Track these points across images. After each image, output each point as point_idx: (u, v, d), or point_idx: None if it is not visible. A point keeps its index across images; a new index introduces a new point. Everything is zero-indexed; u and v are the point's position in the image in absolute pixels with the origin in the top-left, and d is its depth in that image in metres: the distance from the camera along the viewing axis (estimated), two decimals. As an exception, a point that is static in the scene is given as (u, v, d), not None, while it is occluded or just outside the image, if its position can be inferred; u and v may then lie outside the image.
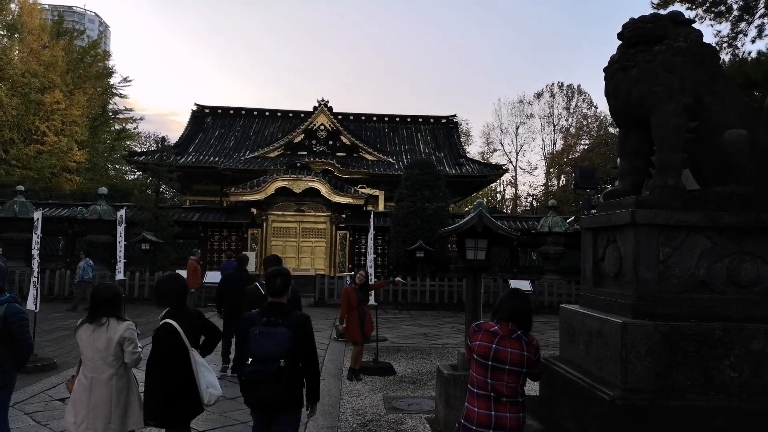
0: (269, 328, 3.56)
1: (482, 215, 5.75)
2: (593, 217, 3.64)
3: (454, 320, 15.94)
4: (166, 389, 3.87)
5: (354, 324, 8.03)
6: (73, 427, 3.94)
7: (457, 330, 13.87)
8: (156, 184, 20.58)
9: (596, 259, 3.61)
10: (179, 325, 4.00)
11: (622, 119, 3.51)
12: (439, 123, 37.34)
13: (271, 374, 3.46)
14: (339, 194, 21.17)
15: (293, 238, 21.68)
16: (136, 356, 4.03)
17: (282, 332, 3.54)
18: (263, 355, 3.48)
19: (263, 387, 3.48)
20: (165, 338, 3.98)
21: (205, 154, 32.24)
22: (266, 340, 3.51)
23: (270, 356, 3.48)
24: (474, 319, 6.15)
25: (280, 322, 3.59)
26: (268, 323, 3.58)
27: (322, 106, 32.96)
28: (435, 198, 19.70)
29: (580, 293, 3.82)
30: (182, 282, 4.41)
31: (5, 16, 35.53)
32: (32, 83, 32.94)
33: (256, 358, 3.49)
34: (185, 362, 3.94)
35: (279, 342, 3.52)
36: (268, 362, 3.47)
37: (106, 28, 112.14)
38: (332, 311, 16.82)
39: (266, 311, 3.72)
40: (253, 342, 3.53)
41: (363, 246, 22.36)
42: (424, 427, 5.91)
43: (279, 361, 3.48)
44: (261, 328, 3.57)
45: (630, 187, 3.40)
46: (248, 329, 3.61)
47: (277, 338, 3.53)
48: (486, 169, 32.95)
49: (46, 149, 33.19)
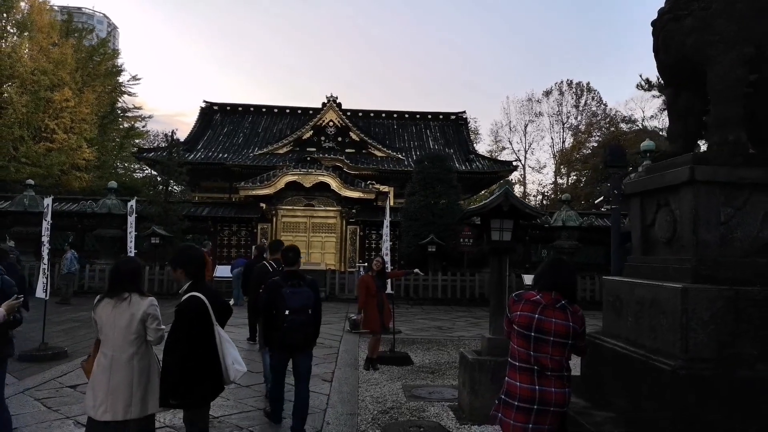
0: (296, 289, 4.78)
1: (508, 194, 5.51)
2: (641, 180, 3.40)
3: (468, 314, 15.69)
4: (189, 367, 3.61)
5: (372, 312, 7.80)
6: (92, 410, 3.71)
7: (471, 323, 13.62)
8: (165, 179, 20.45)
9: (644, 225, 3.37)
10: (207, 299, 3.74)
11: (673, 75, 3.28)
12: (448, 119, 37.09)
13: (304, 320, 4.74)
14: (349, 188, 20.97)
15: (303, 233, 21.50)
16: (159, 334, 3.79)
17: (306, 290, 4.85)
18: (297, 307, 4.69)
19: (300, 330, 4.72)
20: (191, 312, 3.69)
21: (213, 150, 32.14)
22: (297, 297, 4.72)
23: (303, 307, 4.74)
24: (499, 304, 5.92)
25: (302, 284, 4.87)
26: (293, 285, 4.81)
27: (331, 103, 32.78)
28: (447, 192, 19.45)
29: (626, 263, 3.58)
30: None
31: (15, 14, 35.59)
32: (41, 81, 32.99)
33: (293, 309, 4.67)
34: (211, 338, 3.70)
35: (306, 297, 4.81)
36: (302, 312, 4.72)
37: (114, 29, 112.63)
38: (343, 305, 16.63)
39: (287, 277, 4.91)
40: (288, 299, 4.68)
41: (373, 241, 22.15)
42: (448, 414, 5.68)
43: (308, 310, 4.79)
44: (290, 288, 4.75)
45: (681, 150, 3.16)
46: (278, 291, 4.76)
47: (304, 295, 4.80)
48: (496, 166, 32.67)
49: (55, 147, 33.22)
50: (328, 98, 32.89)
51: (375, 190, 21.36)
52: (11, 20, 35.49)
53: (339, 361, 8.19)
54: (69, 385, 6.49)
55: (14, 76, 32.62)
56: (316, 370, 7.58)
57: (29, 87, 33.00)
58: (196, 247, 4.19)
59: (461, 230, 19.11)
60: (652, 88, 12.37)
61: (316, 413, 5.64)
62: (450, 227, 18.92)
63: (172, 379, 3.64)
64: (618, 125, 40.63)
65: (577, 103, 46.16)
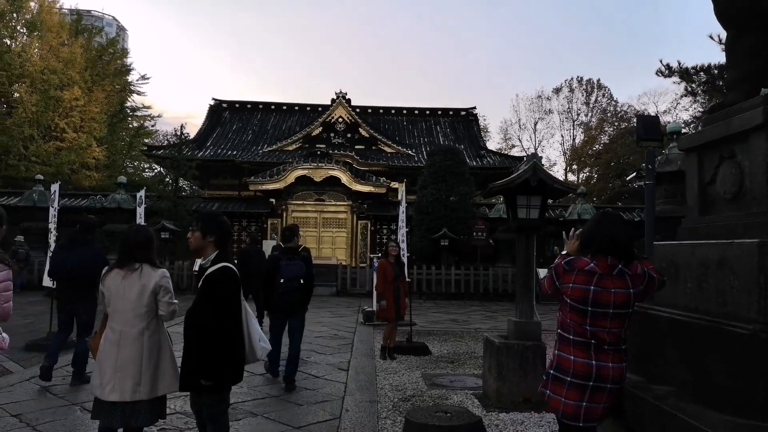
0: (291, 261, 5.80)
1: (537, 167, 5.19)
2: (699, 133, 3.09)
3: (482, 308, 15.35)
4: (221, 344, 3.21)
5: (388, 300, 7.50)
6: (98, 389, 3.41)
7: (486, 317, 13.29)
8: (175, 175, 20.28)
9: (703, 183, 3.05)
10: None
11: (735, 14, 2.97)
12: (459, 115, 36.77)
13: (295, 287, 5.74)
14: (360, 183, 20.69)
15: (313, 228, 21.25)
16: (172, 308, 3.51)
17: (299, 263, 5.83)
18: (290, 276, 5.71)
19: (291, 295, 5.71)
20: (226, 283, 3.28)
21: (222, 147, 32.00)
22: (291, 268, 5.74)
23: (294, 277, 5.74)
24: (526, 285, 5.62)
25: (296, 258, 5.86)
26: (289, 259, 5.82)
27: (340, 99, 32.56)
28: (459, 185, 19.10)
29: (681, 227, 3.26)
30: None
31: (24, 14, 35.68)
32: (51, 80, 33.04)
33: (286, 278, 5.70)
34: (240, 313, 3.37)
35: (299, 269, 5.80)
36: (293, 281, 5.73)
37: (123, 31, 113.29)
38: (355, 300, 16.35)
39: (284, 252, 6.00)
40: (283, 270, 5.71)
41: (384, 236, 21.85)
42: (472, 402, 5.37)
43: (300, 280, 5.77)
44: (286, 261, 5.79)
45: (743, 96, 2.85)
46: (276, 263, 5.85)
47: (297, 267, 5.79)
48: (507, 161, 32.22)
49: (65, 146, 33.24)
50: (337, 94, 32.68)
51: (386, 184, 21.06)
52: (21, 20, 35.58)
53: (354, 351, 7.90)
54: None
55: (24, 76, 32.67)
56: (332, 360, 7.31)
57: (39, 86, 33.07)
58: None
59: (474, 224, 18.76)
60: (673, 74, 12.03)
61: (333, 400, 5.36)
62: (463, 221, 18.59)
63: (203, 357, 3.21)
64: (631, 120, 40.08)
65: (588, 100, 45.73)
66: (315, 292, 17.21)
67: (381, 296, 7.63)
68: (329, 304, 15.08)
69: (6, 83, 32.11)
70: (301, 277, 5.81)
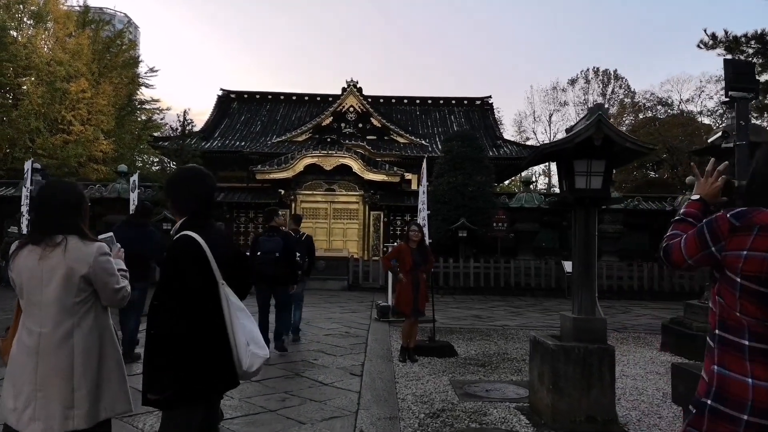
0: (269, 238, 6.54)
1: (602, 122, 4.06)
2: None
3: (505, 304, 14.23)
4: (179, 343, 2.24)
5: (406, 292, 6.40)
6: (12, 416, 2.36)
7: (511, 313, 12.17)
8: (177, 163, 19.33)
9: None
10: (206, 243, 2.36)
11: None
12: (473, 105, 35.61)
13: (270, 260, 6.37)
14: (372, 171, 19.60)
15: (324, 219, 20.21)
16: (120, 295, 2.48)
17: (277, 239, 6.51)
18: (266, 250, 6.42)
19: (267, 267, 6.32)
20: (183, 260, 2.34)
21: (230, 139, 31.14)
22: (268, 243, 6.46)
23: (270, 250, 6.41)
24: (586, 275, 4.50)
25: (275, 235, 6.58)
26: (269, 236, 6.59)
27: (351, 87, 31.53)
28: (478, 173, 17.95)
29: None
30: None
31: (30, 5, 35.05)
32: (57, 71, 32.44)
33: (263, 252, 6.42)
34: (212, 302, 2.35)
35: (275, 243, 6.46)
36: (269, 254, 6.39)
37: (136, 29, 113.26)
38: (367, 294, 15.31)
39: (267, 230, 6.78)
40: (261, 244, 6.49)
41: (398, 228, 20.77)
42: (518, 419, 4.29)
43: (275, 253, 6.40)
44: (265, 237, 6.59)
45: None
46: (257, 239, 6.72)
47: (274, 242, 6.48)
48: (525, 151, 30.95)
49: (72, 138, 32.62)
50: (348, 83, 31.62)
51: (400, 172, 19.96)
52: (27, 11, 34.96)
53: (369, 352, 6.84)
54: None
55: (30, 67, 32.04)
56: (343, 363, 6.26)
57: (45, 78, 32.48)
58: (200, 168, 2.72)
59: (494, 214, 17.62)
60: (718, 45, 10.83)
61: (345, 416, 4.30)
62: (482, 211, 17.45)
63: (154, 362, 2.30)
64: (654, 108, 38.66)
65: (604, 92, 44.55)
66: (326, 287, 15.87)
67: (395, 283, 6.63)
68: (340, 299, 14.05)
69: (12, 75, 31.52)
70: (277, 251, 6.43)
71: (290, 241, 6.71)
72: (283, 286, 6.60)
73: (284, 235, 6.67)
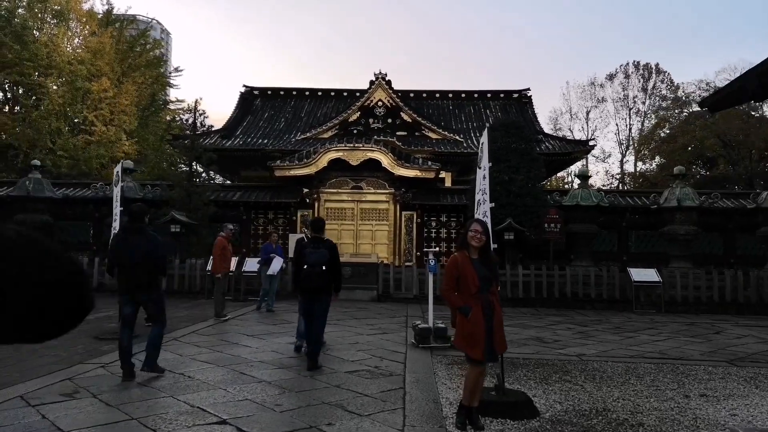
0: (315, 250, 6.44)
1: None
2: None
3: (564, 319, 11.93)
4: None
5: (473, 326, 4.18)
6: None
7: (578, 333, 9.86)
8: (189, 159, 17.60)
9: None
10: None
11: None
12: (511, 98, 33.31)
13: (316, 273, 6.32)
14: (404, 166, 17.47)
15: (350, 220, 18.17)
16: None
17: (323, 252, 6.45)
18: (312, 262, 6.35)
19: (313, 279, 6.32)
20: None
21: (253, 136, 29.50)
22: (314, 256, 6.39)
23: (317, 263, 6.34)
24: None
25: (320, 247, 6.49)
26: (314, 247, 6.48)
27: (379, 80, 29.58)
28: (525, 166, 15.65)
29: None
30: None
31: (53, 3, 34.26)
32: (79, 71, 31.52)
33: (309, 264, 6.35)
34: None
35: (321, 256, 6.39)
36: (315, 266, 6.33)
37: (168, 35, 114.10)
38: (399, 307, 13.19)
39: (312, 241, 6.62)
40: (308, 256, 6.40)
41: (433, 229, 18.59)
42: None
43: (322, 266, 6.34)
44: (310, 249, 6.46)
45: None
46: (302, 251, 6.53)
47: (320, 254, 6.41)
48: (569, 146, 28.54)
49: (94, 140, 31.61)
50: (377, 75, 29.67)
51: (435, 167, 17.76)
52: (49, 10, 34.18)
53: (409, 407, 4.71)
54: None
55: (52, 67, 31.11)
56: (370, 428, 4.13)
57: (66, 77, 31.56)
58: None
59: (545, 213, 15.30)
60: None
61: None
62: (531, 210, 15.15)
63: None
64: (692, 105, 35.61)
65: (645, 87, 42.03)
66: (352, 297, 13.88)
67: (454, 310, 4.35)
68: (369, 313, 11.97)
69: (33, 74, 30.62)
70: (323, 264, 6.31)
71: (335, 251, 6.58)
72: (326, 296, 6.49)
73: (330, 246, 6.55)
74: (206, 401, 4.78)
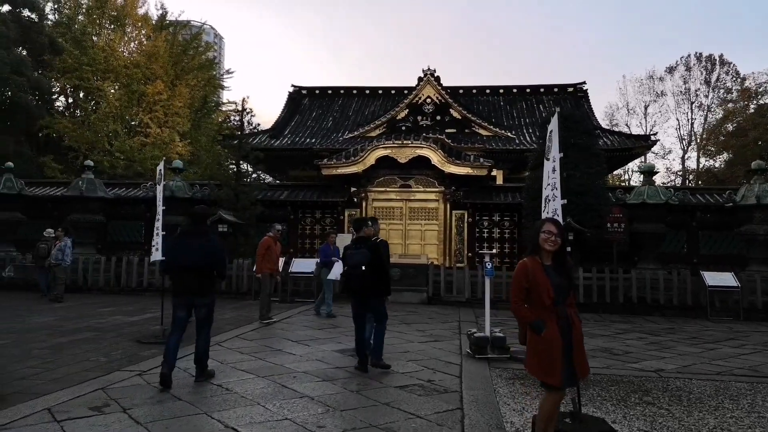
0: (356, 250, 6.35)
1: None
2: None
3: (631, 326, 10.97)
4: None
5: (548, 345, 3.50)
6: None
7: (652, 344, 8.95)
8: (236, 158, 17.50)
9: None
10: None
11: None
12: (565, 92, 32.03)
13: (357, 274, 6.23)
14: (455, 163, 16.77)
15: (398, 219, 17.62)
16: None
17: (364, 251, 6.29)
18: (352, 263, 6.29)
19: (354, 282, 6.27)
20: None
21: (300, 136, 29.45)
22: (355, 256, 6.31)
23: (357, 264, 6.24)
24: None
25: (362, 247, 6.35)
26: (356, 247, 6.39)
27: (428, 77, 28.96)
28: (585, 162, 14.65)
29: None
30: None
31: (110, 9, 35.38)
32: (134, 74, 32.41)
33: (349, 266, 6.33)
34: None
35: (362, 256, 6.24)
36: (356, 268, 6.23)
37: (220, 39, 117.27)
38: (451, 310, 12.55)
39: (355, 241, 6.54)
40: (348, 257, 6.41)
41: (485, 229, 17.80)
42: None
43: (361, 267, 6.20)
44: (352, 250, 6.42)
45: None
46: (346, 251, 6.54)
47: (360, 255, 6.28)
48: (629, 141, 27.04)
49: (149, 141, 32.45)
50: (425, 71, 29.06)
51: (487, 164, 16.96)
52: (107, 15, 35.31)
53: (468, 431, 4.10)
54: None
55: (108, 70, 32.11)
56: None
57: (122, 80, 32.52)
58: None
59: (608, 212, 14.29)
60: None
61: None
62: (592, 208, 14.16)
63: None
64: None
65: (708, 79, 39.68)
66: (401, 299, 13.36)
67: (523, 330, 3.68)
68: (419, 317, 11.38)
69: (91, 78, 31.65)
70: (363, 264, 6.15)
71: (379, 252, 6.34)
72: (375, 298, 6.29)
73: (372, 246, 6.33)
74: (242, 420, 4.32)
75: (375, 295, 6.27)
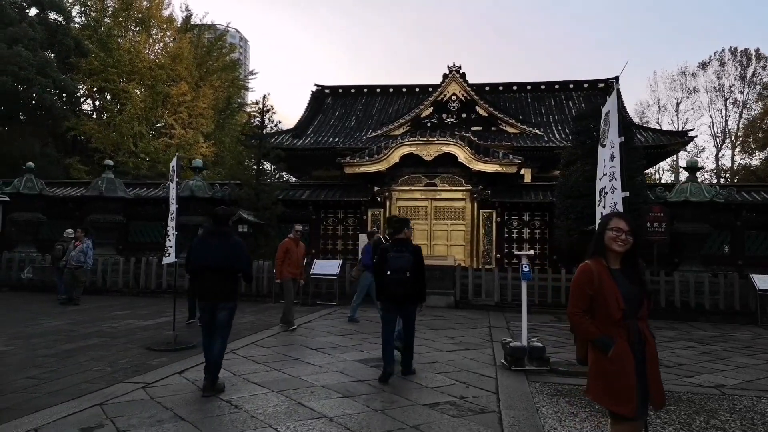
0: (399, 254, 5.97)
1: None
2: None
3: (679, 335, 10.16)
4: None
5: (622, 366, 2.84)
6: None
7: (703, 354, 8.16)
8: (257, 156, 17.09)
9: None
10: None
11: None
12: (595, 88, 30.97)
13: (401, 279, 5.86)
14: (482, 160, 16.08)
15: (424, 219, 17.00)
16: None
17: (407, 256, 5.96)
18: (396, 268, 5.88)
19: (397, 286, 5.86)
20: None
21: (323, 135, 28.98)
22: (398, 260, 5.92)
23: (401, 269, 5.88)
24: None
25: (404, 250, 6.00)
26: (397, 251, 6.00)
27: (453, 73, 28.21)
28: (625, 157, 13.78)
29: None
30: None
31: (135, 11, 35.56)
32: (159, 75, 32.49)
33: (393, 270, 5.88)
34: None
35: (406, 261, 5.93)
36: (400, 272, 5.87)
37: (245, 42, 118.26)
38: (480, 315, 11.88)
39: (394, 244, 6.17)
40: (391, 261, 5.93)
41: (514, 229, 17.06)
42: None
43: (406, 272, 5.88)
44: (394, 253, 5.99)
45: None
46: (384, 255, 6.03)
47: (404, 259, 5.93)
48: (665, 138, 25.87)
49: (174, 142, 32.49)
50: (450, 68, 28.31)
51: (517, 161, 16.22)
52: (132, 17, 35.49)
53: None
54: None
55: (134, 72, 32.23)
56: None
57: (147, 82, 32.62)
58: None
59: (647, 211, 13.44)
60: None
61: None
62: (630, 206, 13.27)
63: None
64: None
65: (743, 74, 38.19)
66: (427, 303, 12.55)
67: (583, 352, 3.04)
68: (446, 322, 10.74)
69: (117, 80, 31.80)
70: (408, 269, 5.90)
71: (421, 257, 6.10)
72: (412, 305, 6.09)
73: (415, 251, 6.07)
74: (251, 446, 3.77)
75: (413, 302, 6.06)
